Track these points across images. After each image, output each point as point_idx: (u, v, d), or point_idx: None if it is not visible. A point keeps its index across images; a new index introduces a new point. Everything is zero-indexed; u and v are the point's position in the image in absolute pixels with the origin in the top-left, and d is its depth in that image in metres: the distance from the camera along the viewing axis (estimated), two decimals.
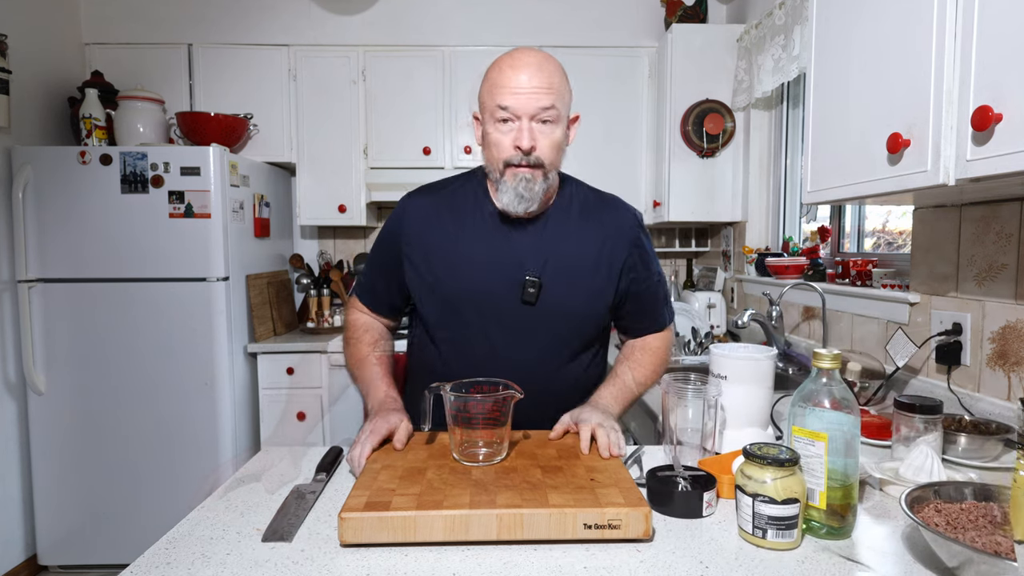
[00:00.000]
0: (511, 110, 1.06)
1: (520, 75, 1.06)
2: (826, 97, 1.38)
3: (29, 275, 2.38)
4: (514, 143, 1.07)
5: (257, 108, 2.85)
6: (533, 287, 1.14)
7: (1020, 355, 1.26)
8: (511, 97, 1.06)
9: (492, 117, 1.09)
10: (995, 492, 0.80)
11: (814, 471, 0.81)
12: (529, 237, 1.17)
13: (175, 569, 0.74)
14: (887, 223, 2.12)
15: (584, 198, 1.23)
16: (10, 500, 2.44)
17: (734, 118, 2.71)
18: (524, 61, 1.08)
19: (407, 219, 1.21)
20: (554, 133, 1.10)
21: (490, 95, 1.09)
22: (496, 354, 1.16)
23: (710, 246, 3.17)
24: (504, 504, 0.79)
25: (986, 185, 1.07)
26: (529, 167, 1.09)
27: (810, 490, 0.81)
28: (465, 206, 1.19)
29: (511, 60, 1.09)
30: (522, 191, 1.10)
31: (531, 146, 1.07)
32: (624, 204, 1.27)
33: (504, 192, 1.11)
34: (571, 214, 1.20)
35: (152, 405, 2.44)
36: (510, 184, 1.10)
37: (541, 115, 1.07)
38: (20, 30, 2.47)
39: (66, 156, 2.37)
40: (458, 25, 2.96)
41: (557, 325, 1.17)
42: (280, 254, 3.05)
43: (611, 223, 1.21)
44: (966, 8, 0.96)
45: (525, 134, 1.06)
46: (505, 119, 1.08)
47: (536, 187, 1.10)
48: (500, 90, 1.07)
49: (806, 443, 0.82)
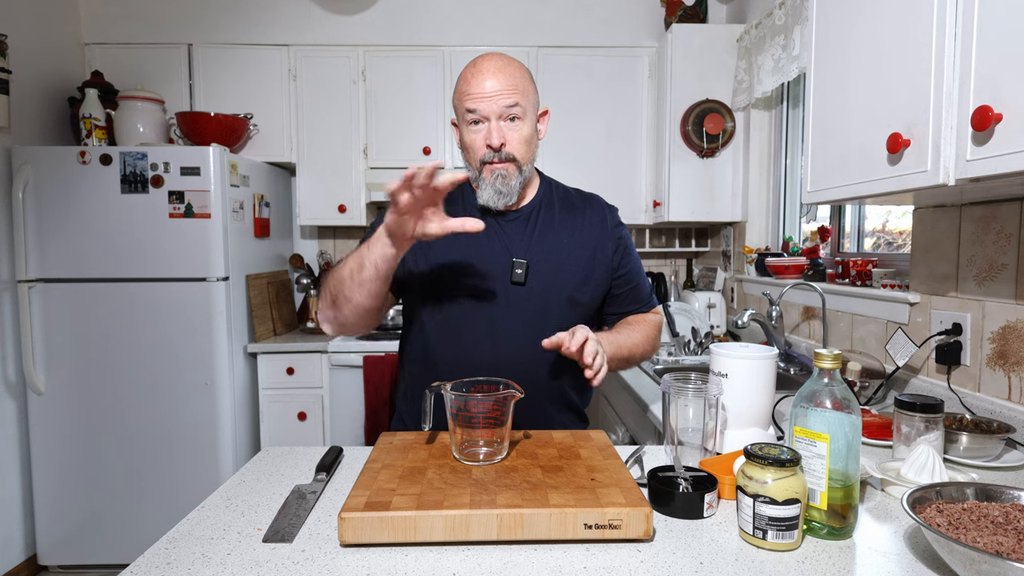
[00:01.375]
0: (479, 113, 1.16)
1: (484, 80, 1.16)
2: (826, 97, 1.38)
3: (29, 275, 2.38)
4: (485, 142, 1.17)
5: (257, 108, 2.85)
6: (521, 268, 1.20)
7: (1020, 355, 1.26)
8: (477, 101, 1.15)
9: (464, 121, 1.19)
10: (997, 492, 0.80)
11: (815, 472, 0.81)
12: (515, 228, 1.25)
13: (175, 569, 0.74)
14: (887, 223, 2.12)
15: (565, 194, 1.33)
16: (10, 500, 2.44)
17: (734, 118, 2.71)
18: (486, 67, 1.17)
19: None
20: (522, 129, 1.18)
21: (460, 102, 1.19)
22: (489, 336, 1.19)
23: (710, 246, 3.17)
24: (504, 504, 0.79)
25: (986, 185, 1.07)
26: (502, 162, 1.18)
27: (811, 490, 0.81)
28: (455, 203, 1.26)
29: (474, 68, 1.18)
30: (499, 187, 1.19)
31: (501, 142, 1.16)
32: (603, 201, 1.35)
33: (484, 189, 1.20)
34: (554, 209, 1.28)
35: (152, 405, 2.44)
36: (488, 181, 1.19)
37: (507, 113, 1.16)
38: (20, 30, 2.48)
39: (66, 156, 2.37)
40: (458, 25, 2.96)
41: (547, 305, 1.21)
42: (280, 254, 3.05)
43: (593, 215, 1.30)
44: (966, 8, 0.96)
45: (494, 133, 1.16)
46: (475, 121, 1.17)
47: (512, 182, 1.19)
48: (467, 96, 1.17)
49: (807, 444, 0.82)
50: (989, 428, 1.14)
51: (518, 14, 2.98)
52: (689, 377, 1.06)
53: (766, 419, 1.13)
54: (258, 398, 2.67)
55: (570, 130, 2.93)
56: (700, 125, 2.69)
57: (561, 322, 1.19)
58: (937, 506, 0.78)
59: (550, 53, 2.92)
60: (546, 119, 1.27)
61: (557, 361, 1.21)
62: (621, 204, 2.92)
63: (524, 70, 1.21)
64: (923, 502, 0.79)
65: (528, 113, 1.19)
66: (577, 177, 2.97)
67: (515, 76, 1.17)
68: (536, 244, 1.23)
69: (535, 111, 1.23)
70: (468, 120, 1.18)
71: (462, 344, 1.20)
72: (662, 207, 2.82)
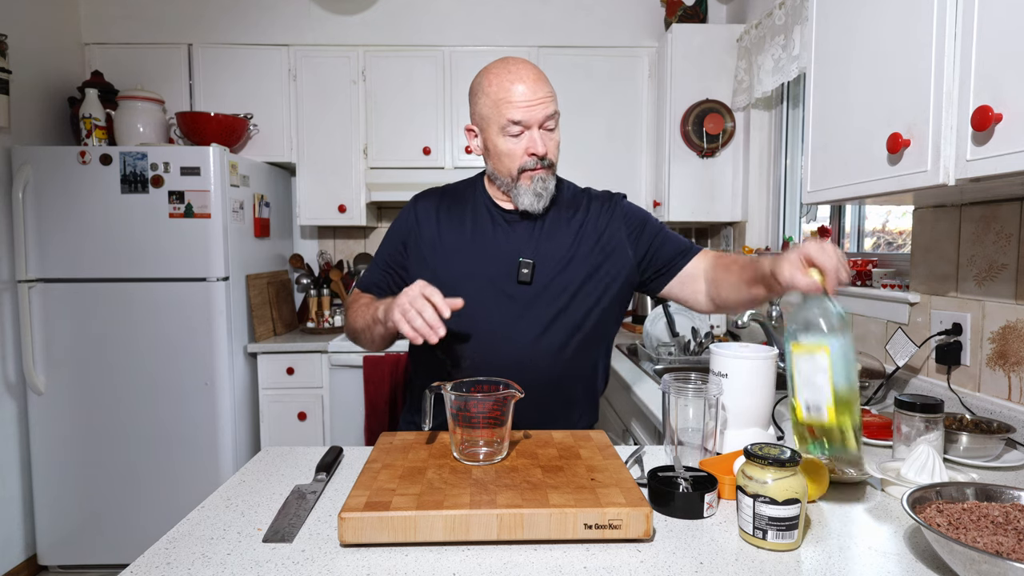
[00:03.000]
0: (523, 123, 1.15)
1: (525, 88, 1.15)
2: (826, 97, 1.38)
3: (29, 275, 2.38)
4: (527, 151, 1.17)
5: (257, 108, 2.85)
6: (527, 268, 1.20)
7: (1020, 355, 1.26)
8: (521, 111, 1.14)
9: (501, 131, 1.17)
10: (997, 492, 0.80)
11: (818, 386, 0.79)
12: (524, 230, 1.25)
13: (175, 569, 0.73)
14: (887, 223, 2.12)
15: (574, 193, 1.33)
16: (10, 500, 2.44)
17: (734, 118, 2.71)
18: (524, 75, 1.16)
19: (415, 216, 1.30)
20: (556, 135, 1.21)
21: (496, 110, 1.16)
22: (496, 336, 1.20)
23: (710, 246, 3.18)
24: (504, 504, 0.79)
25: (986, 185, 1.07)
26: (544, 169, 1.19)
27: (815, 406, 0.79)
28: (465, 205, 1.28)
29: (510, 75, 1.16)
30: (540, 190, 1.20)
31: (544, 152, 1.17)
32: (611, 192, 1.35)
33: (524, 194, 1.20)
34: (561, 208, 1.28)
35: (152, 405, 2.44)
36: (528, 187, 1.19)
37: (547, 123, 1.18)
38: (20, 30, 2.47)
39: (66, 156, 2.37)
40: (458, 25, 2.96)
41: (553, 303, 1.21)
42: (280, 254, 3.05)
43: (600, 205, 1.30)
44: (966, 8, 0.96)
45: (539, 142, 1.16)
46: (517, 133, 1.16)
47: (550, 185, 1.22)
48: (508, 105, 1.15)
49: (807, 358, 0.80)
50: (989, 428, 1.14)
51: (518, 14, 2.98)
52: (689, 377, 1.06)
53: (766, 419, 1.13)
54: (258, 398, 2.67)
55: (570, 130, 2.92)
56: (700, 125, 2.69)
57: (568, 320, 1.21)
58: (937, 506, 0.78)
59: (550, 53, 2.92)
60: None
61: (565, 360, 1.21)
62: None
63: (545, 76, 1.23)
64: (923, 502, 0.79)
65: (558, 120, 1.21)
66: (577, 177, 2.96)
67: (549, 84, 1.18)
68: (543, 243, 1.23)
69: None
70: (509, 132, 1.16)
71: (469, 345, 1.20)
72: (662, 207, 2.82)
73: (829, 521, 0.86)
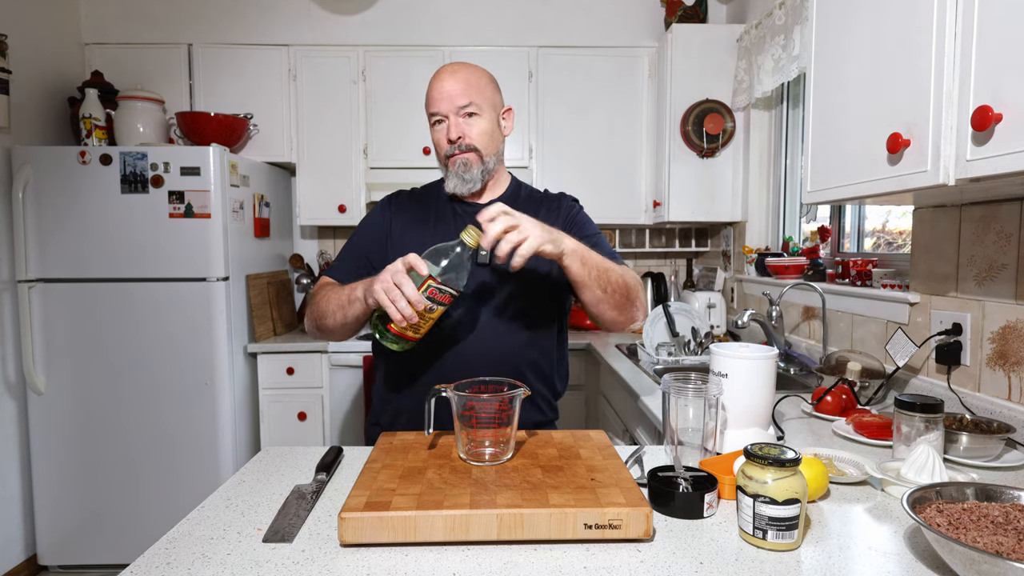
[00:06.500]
0: (439, 113, 1.29)
1: (441, 84, 1.28)
2: (826, 97, 1.38)
3: (29, 275, 2.38)
4: (446, 137, 1.29)
5: (257, 108, 2.85)
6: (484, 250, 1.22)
7: (1020, 355, 1.26)
8: (436, 103, 1.29)
9: (430, 126, 1.33)
10: (997, 492, 0.80)
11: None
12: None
13: (175, 569, 0.74)
14: (887, 223, 2.12)
15: (531, 193, 1.43)
16: (10, 500, 2.44)
17: (734, 118, 2.71)
18: (442, 73, 1.30)
19: (382, 213, 1.41)
20: (479, 123, 1.29)
21: (426, 108, 1.33)
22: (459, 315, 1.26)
23: (710, 246, 3.17)
24: (504, 504, 0.79)
25: (986, 185, 1.07)
26: (463, 152, 1.29)
27: None
28: (430, 203, 1.40)
29: (435, 77, 1.31)
30: (462, 174, 1.30)
31: (458, 136, 1.28)
32: (567, 195, 1.45)
33: (450, 178, 1.32)
34: (518, 202, 1.37)
35: (152, 405, 2.44)
36: (452, 171, 1.31)
37: (463, 111, 1.28)
38: (20, 30, 2.47)
39: (66, 156, 2.37)
40: (458, 25, 2.96)
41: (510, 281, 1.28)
42: (280, 254, 3.05)
43: (552, 206, 1.39)
44: (966, 8, 0.96)
45: (453, 128, 1.28)
46: (438, 121, 1.30)
47: (474, 170, 1.30)
48: (429, 101, 1.31)
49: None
50: (989, 428, 1.14)
51: (518, 14, 2.98)
52: (689, 377, 1.06)
53: (766, 419, 1.13)
54: (258, 398, 2.67)
55: (570, 130, 2.93)
56: (700, 125, 2.69)
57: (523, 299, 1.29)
58: (937, 506, 0.78)
59: (550, 53, 2.92)
60: (511, 116, 1.38)
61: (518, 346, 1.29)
62: (621, 204, 2.98)
63: (481, 72, 1.32)
64: (923, 502, 0.79)
65: (485, 110, 1.29)
66: (577, 177, 3.00)
67: (469, 78, 1.29)
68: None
69: (495, 109, 1.33)
70: (432, 122, 1.31)
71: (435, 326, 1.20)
72: (662, 207, 2.82)
73: (829, 521, 0.86)
